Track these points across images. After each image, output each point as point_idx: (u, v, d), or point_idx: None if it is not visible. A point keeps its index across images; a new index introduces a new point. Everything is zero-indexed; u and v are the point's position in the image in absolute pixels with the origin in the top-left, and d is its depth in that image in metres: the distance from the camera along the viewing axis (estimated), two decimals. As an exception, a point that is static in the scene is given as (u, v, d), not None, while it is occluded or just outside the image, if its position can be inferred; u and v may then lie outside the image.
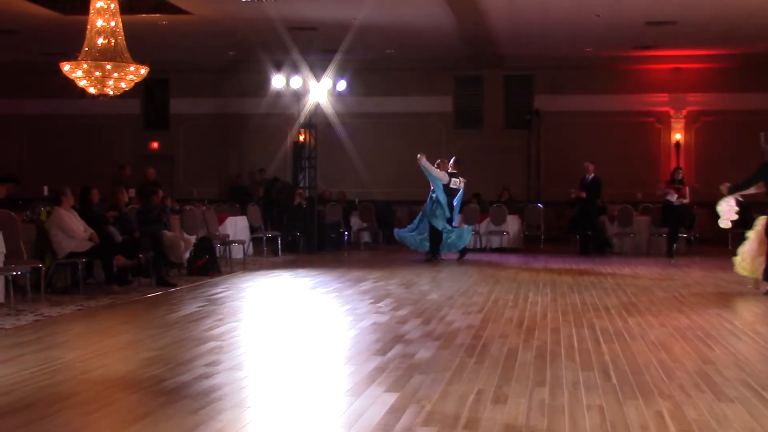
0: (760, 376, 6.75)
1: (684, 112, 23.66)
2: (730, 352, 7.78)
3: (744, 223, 13.56)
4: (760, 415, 5.61)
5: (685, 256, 18.52)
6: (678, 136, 23.60)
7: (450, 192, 17.54)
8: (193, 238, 14.79)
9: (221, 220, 16.93)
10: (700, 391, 6.26)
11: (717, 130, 23.10)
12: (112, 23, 14.32)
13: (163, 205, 14.52)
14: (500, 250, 20.31)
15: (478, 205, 21.03)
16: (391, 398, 6.04)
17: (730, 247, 19.54)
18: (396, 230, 18.48)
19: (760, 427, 5.37)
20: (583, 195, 19.15)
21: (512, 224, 20.62)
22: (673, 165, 21.85)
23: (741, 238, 12.69)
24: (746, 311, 10.14)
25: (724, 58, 22.77)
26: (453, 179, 17.53)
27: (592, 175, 19.32)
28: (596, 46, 21.58)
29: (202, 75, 24.56)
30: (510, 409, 5.77)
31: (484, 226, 20.55)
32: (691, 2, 16.85)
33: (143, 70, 14.78)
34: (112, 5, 14.32)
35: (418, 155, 17.46)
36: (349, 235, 20.55)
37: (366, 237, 22.30)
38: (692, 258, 18.11)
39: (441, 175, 17.42)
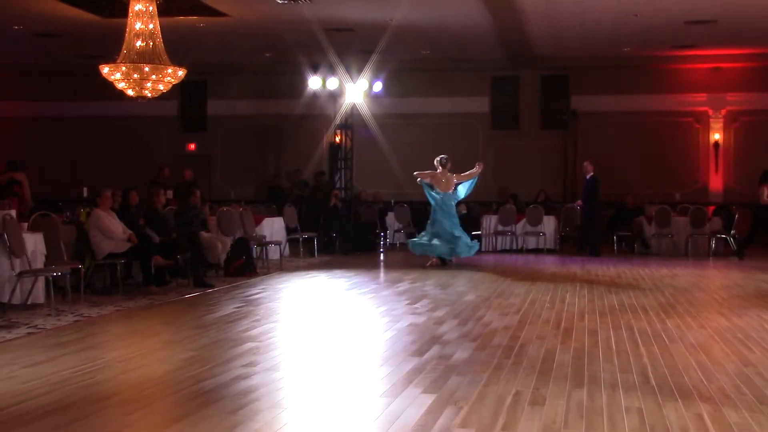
0: (802, 379, 6.68)
1: (723, 111, 23.41)
2: (771, 354, 7.71)
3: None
4: (802, 419, 5.55)
5: (723, 257, 18.35)
6: (717, 136, 23.35)
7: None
8: (230, 239, 14.85)
9: (258, 221, 17.00)
10: (740, 394, 6.20)
11: (756, 130, 22.84)
12: (150, 26, 14.42)
13: (199, 207, 14.58)
14: (537, 250, 20.21)
15: (514, 206, 20.94)
16: (428, 399, 6.03)
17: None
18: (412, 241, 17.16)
19: (802, 430, 5.31)
20: (580, 203, 19.80)
21: (549, 225, 20.51)
22: (712, 165, 21.65)
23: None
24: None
25: (765, 57, 22.51)
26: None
27: (591, 174, 19.45)
28: (634, 45, 21.41)
29: (238, 76, 24.66)
30: (548, 410, 5.74)
31: (521, 226, 20.46)
32: (731, 1, 16.67)
33: (181, 72, 14.87)
34: (151, 8, 14.43)
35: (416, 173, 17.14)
36: (384, 235, 20.56)
37: (402, 238, 22.29)
38: (731, 259, 17.93)
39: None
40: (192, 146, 25.64)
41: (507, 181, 22.87)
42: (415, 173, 17.03)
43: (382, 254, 19.03)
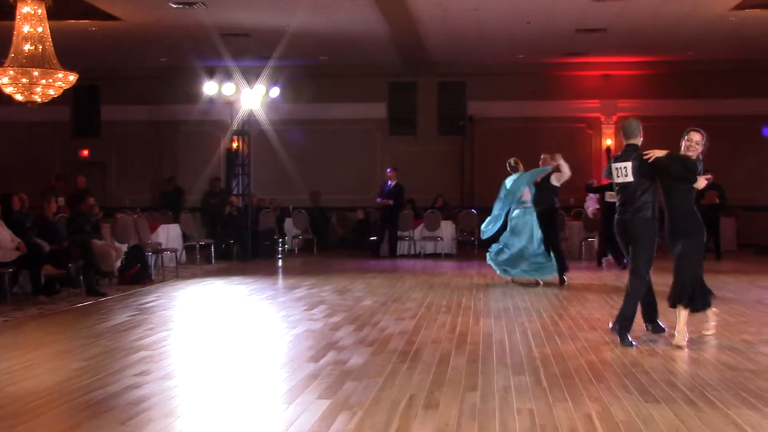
0: (686, 378, 6.87)
1: (614, 118, 23.99)
2: (657, 353, 7.90)
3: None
4: (686, 416, 5.70)
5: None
6: (609, 142, 23.92)
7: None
8: (124, 247, 14.60)
9: (153, 228, 16.75)
10: (627, 393, 6.35)
11: (646, 136, 23.24)
12: (40, 29, 14.08)
13: (92, 214, 14.28)
14: (434, 255, 20.39)
15: (412, 211, 21.10)
16: (323, 405, 6.02)
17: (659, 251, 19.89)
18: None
19: (684, 427, 5.45)
20: (390, 202, 20.01)
21: (446, 230, 20.72)
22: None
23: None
24: (674, 315, 10.28)
25: (653, 65, 23.18)
26: None
27: (395, 182, 20.04)
28: (528, 53, 21.80)
29: (133, 81, 24.26)
30: (441, 414, 5.78)
31: (419, 231, 20.63)
32: (620, 11, 17.11)
33: (72, 77, 14.56)
34: (40, 10, 14.09)
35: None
36: (283, 242, 20.47)
37: (300, 244, 22.27)
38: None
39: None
40: (85, 152, 25.12)
41: (404, 186, 22.95)
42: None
43: (280, 260, 18.92)
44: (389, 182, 20.17)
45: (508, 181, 14.44)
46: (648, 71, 23.56)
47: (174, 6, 16.59)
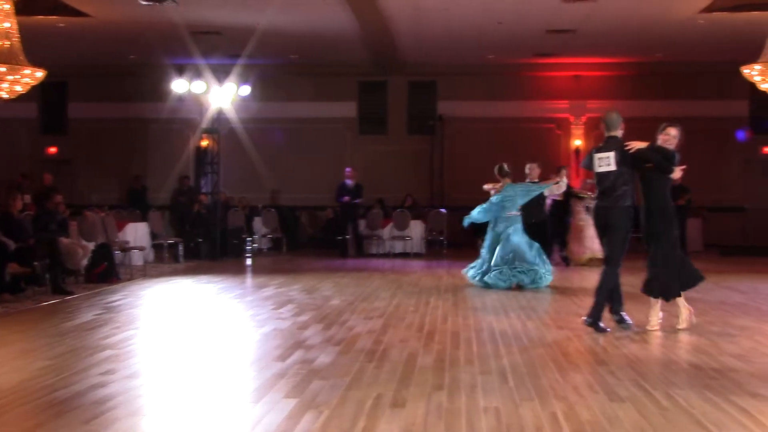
0: (650, 376, 6.92)
1: (583, 118, 24.14)
2: (623, 353, 7.94)
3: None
4: (650, 414, 5.74)
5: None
6: (578, 142, 24.06)
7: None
8: (91, 245, 14.48)
9: (121, 227, 16.64)
10: (593, 392, 6.38)
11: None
12: (6, 24, 13.91)
13: (57, 212, 14.16)
14: (403, 255, 20.41)
15: (381, 210, 21.11)
16: (289, 404, 6.00)
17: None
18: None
19: (649, 425, 5.49)
20: (358, 201, 20.48)
21: (415, 229, 20.75)
22: (574, 170, 22.28)
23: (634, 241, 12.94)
24: (640, 313, 10.35)
25: (622, 66, 23.34)
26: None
27: (354, 181, 20.34)
28: (498, 53, 21.87)
29: (102, 79, 24.09)
30: (408, 413, 5.78)
31: (387, 231, 20.65)
32: (590, 12, 17.20)
33: (40, 73, 14.39)
34: (6, 6, 13.91)
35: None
36: (252, 240, 20.42)
37: (269, 243, 22.23)
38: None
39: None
40: (52, 150, 24.91)
41: (374, 185, 22.97)
42: (484, 186, 14.27)
43: (248, 259, 18.87)
44: (348, 181, 20.23)
45: (497, 197, 13.79)
46: (617, 72, 23.71)
47: (144, 3, 16.45)
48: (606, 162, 9.04)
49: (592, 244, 16.72)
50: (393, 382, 6.71)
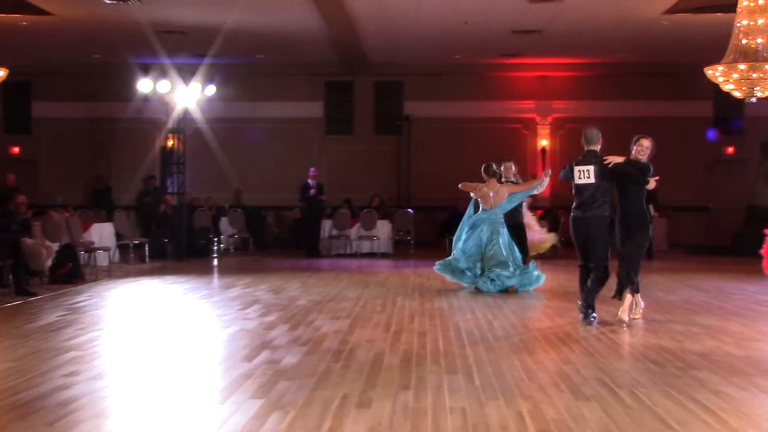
0: (615, 375, 6.96)
1: (549, 118, 24.27)
2: (589, 352, 7.99)
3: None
4: (615, 413, 5.78)
5: (550, 259, 18.93)
6: (544, 142, 24.19)
7: None
8: (55, 246, 14.35)
9: (86, 227, 16.50)
10: (559, 391, 6.41)
11: (581, 137, 23.63)
12: (-31, 23, 13.80)
13: (19, 212, 14.00)
14: (370, 255, 20.41)
15: (349, 210, 21.10)
16: (255, 405, 5.98)
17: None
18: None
19: (613, 424, 5.53)
20: (324, 198, 20.42)
21: (382, 229, 20.76)
22: (540, 170, 22.41)
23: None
24: (606, 313, 10.44)
25: (587, 66, 23.48)
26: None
27: (315, 181, 20.39)
28: (465, 53, 21.93)
29: (66, 78, 23.87)
30: (374, 413, 5.78)
31: (355, 231, 20.64)
32: (555, 12, 17.29)
33: (2, 72, 14.29)
34: (-31, 4, 13.81)
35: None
36: (218, 241, 20.33)
37: (236, 243, 22.16)
38: (558, 262, 18.51)
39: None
40: (16, 149, 24.66)
41: (341, 185, 22.98)
42: (460, 185, 13.90)
43: (215, 260, 18.78)
44: (310, 181, 20.25)
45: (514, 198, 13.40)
46: (583, 73, 23.85)
47: (108, 2, 16.36)
48: (586, 175, 9.70)
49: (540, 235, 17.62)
50: (359, 382, 6.71)
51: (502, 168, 14.02)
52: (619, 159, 9.64)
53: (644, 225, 9.64)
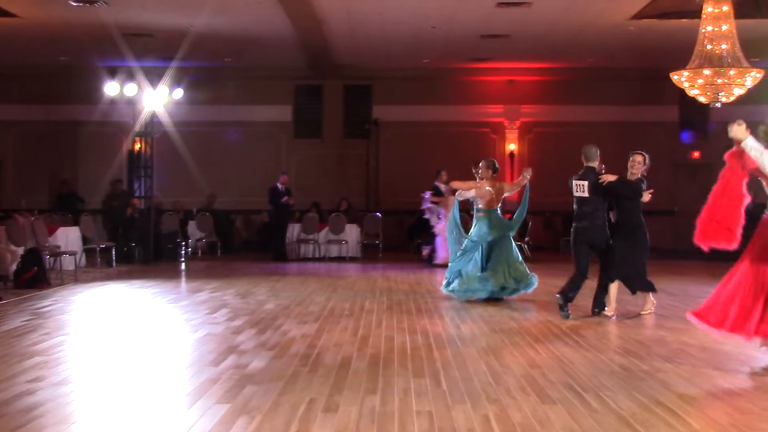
0: (582, 378, 7.00)
1: (518, 123, 24.36)
2: (556, 355, 8.04)
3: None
4: (580, 416, 5.82)
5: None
6: (512, 146, 24.27)
7: None
8: (20, 250, 14.23)
9: (52, 231, 16.36)
10: (525, 395, 6.44)
11: (548, 141, 23.86)
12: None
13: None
14: (339, 259, 20.39)
15: (317, 214, 21.08)
16: (221, 410, 5.96)
17: (561, 253, 20.33)
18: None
19: (579, 427, 5.56)
20: (286, 199, 20.32)
21: (351, 233, 20.75)
22: (508, 174, 22.51)
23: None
24: (573, 316, 10.51)
25: (555, 71, 23.58)
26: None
27: (285, 186, 20.40)
28: (433, 57, 21.96)
29: (31, 80, 23.62)
30: (341, 417, 5.78)
31: (323, 235, 20.61)
32: (523, 17, 17.35)
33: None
34: (-68, 6, 13.66)
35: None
36: (186, 245, 20.24)
37: (204, 247, 22.06)
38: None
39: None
40: (-20, 153, 24.40)
41: (309, 189, 22.95)
42: (452, 184, 13.25)
43: (183, 264, 18.69)
44: (279, 185, 20.21)
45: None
46: (551, 77, 23.95)
47: (74, 4, 16.23)
48: (581, 189, 10.57)
49: None
50: (326, 386, 6.70)
51: (480, 166, 12.95)
52: (612, 178, 10.41)
53: (642, 234, 10.65)
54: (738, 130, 7.25)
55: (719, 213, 7.55)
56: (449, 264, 12.95)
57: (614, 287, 10.69)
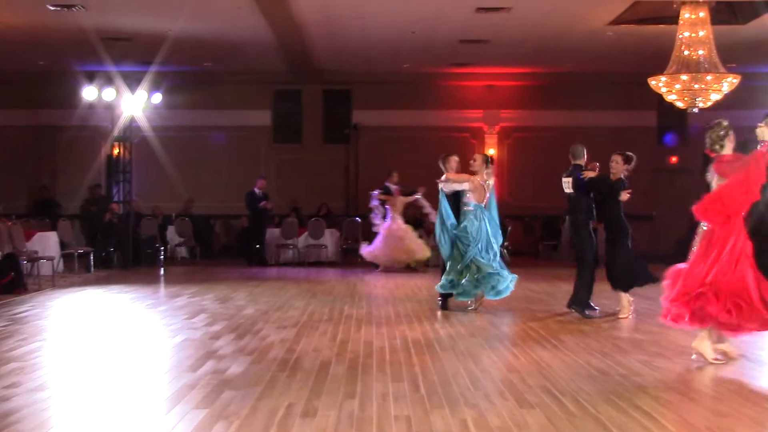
0: (560, 382, 7.03)
1: (497, 127, 24.42)
2: (534, 359, 8.06)
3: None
4: (558, 420, 5.84)
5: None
6: (492, 151, 24.29)
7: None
8: (-3, 255, 14.15)
9: (29, 236, 16.27)
10: (503, 399, 6.46)
11: (527, 145, 23.95)
12: None
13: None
14: (318, 264, 20.37)
15: (297, 219, 21.07)
16: (199, 415, 5.95)
17: (539, 259, 20.40)
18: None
19: (556, 431, 5.59)
20: (264, 204, 20.35)
21: (330, 238, 20.74)
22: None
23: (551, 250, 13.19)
24: (552, 321, 10.56)
25: (534, 76, 23.66)
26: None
27: (262, 191, 20.45)
28: (413, 62, 21.98)
29: (9, 85, 23.45)
30: (319, 422, 5.78)
31: (303, 240, 20.60)
32: (502, 23, 17.41)
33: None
34: None
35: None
36: (165, 250, 20.16)
37: (183, 252, 21.99)
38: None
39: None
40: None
41: (289, 194, 22.93)
42: (446, 176, 12.45)
43: (162, 269, 18.61)
44: (257, 190, 20.21)
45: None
46: (530, 82, 24.04)
47: (52, 8, 16.16)
48: (567, 186, 11.06)
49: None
50: (305, 391, 6.70)
51: (450, 161, 12.53)
52: (593, 174, 10.99)
53: (624, 232, 10.95)
54: (765, 131, 7.48)
55: (729, 198, 7.65)
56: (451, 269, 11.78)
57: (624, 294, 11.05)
